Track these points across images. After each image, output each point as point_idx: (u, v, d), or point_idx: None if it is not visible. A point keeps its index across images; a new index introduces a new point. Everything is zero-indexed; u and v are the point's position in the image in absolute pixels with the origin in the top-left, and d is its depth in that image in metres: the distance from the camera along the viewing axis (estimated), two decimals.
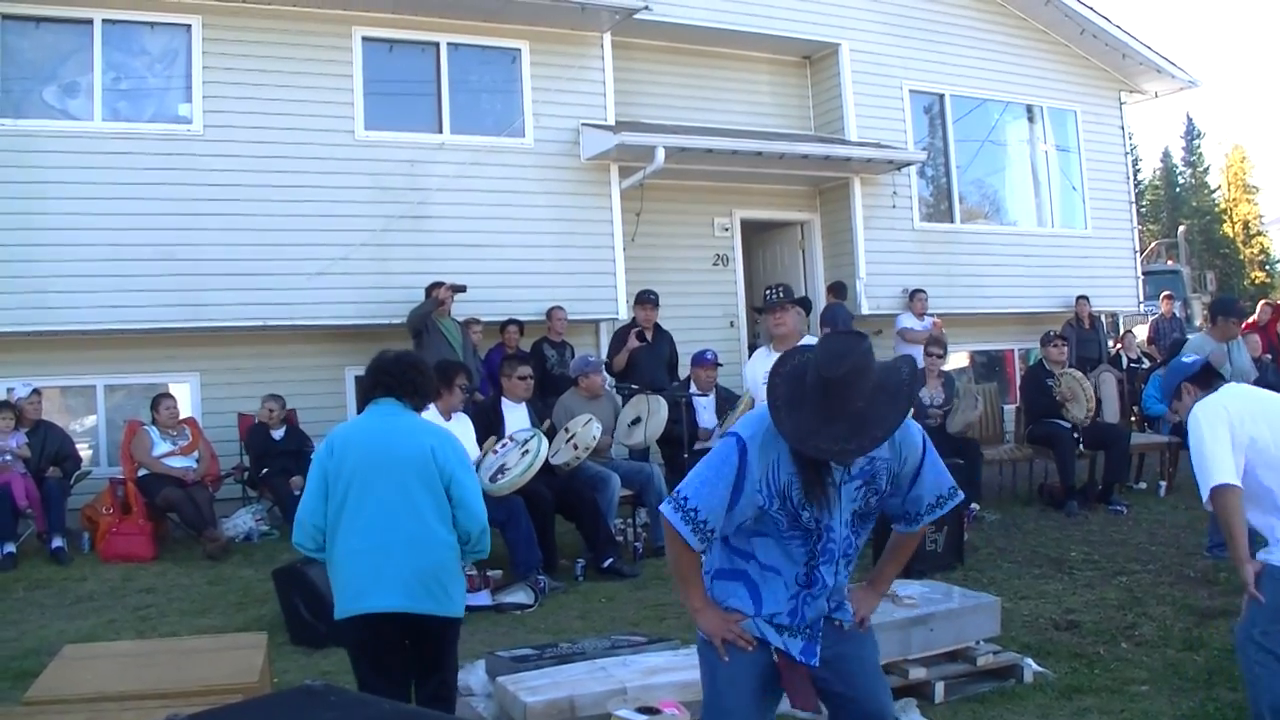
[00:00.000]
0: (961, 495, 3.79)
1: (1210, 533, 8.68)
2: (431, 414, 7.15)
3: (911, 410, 3.43)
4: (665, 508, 3.52)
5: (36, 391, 10.30)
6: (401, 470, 4.58)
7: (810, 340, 7.91)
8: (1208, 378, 5.18)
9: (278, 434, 10.88)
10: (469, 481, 4.67)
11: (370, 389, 4.86)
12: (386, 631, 4.56)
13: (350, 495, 4.60)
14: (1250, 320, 15.25)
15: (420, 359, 5.12)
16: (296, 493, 10.32)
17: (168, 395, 10.69)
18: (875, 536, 5.03)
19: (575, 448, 9.16)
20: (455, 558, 4.67)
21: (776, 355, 7.93)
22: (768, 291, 7.80)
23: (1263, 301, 16.79)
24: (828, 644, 3.59)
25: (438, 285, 11.16)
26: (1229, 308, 10.45)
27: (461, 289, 11.26)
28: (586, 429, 9.23)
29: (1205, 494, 4.73)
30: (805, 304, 8.08)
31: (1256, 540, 4.76)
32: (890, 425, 3.31)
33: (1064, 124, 16.97)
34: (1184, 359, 5.66)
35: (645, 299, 11.62)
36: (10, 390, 10.34)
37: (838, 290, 14.19)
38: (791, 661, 3.55)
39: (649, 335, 11.53)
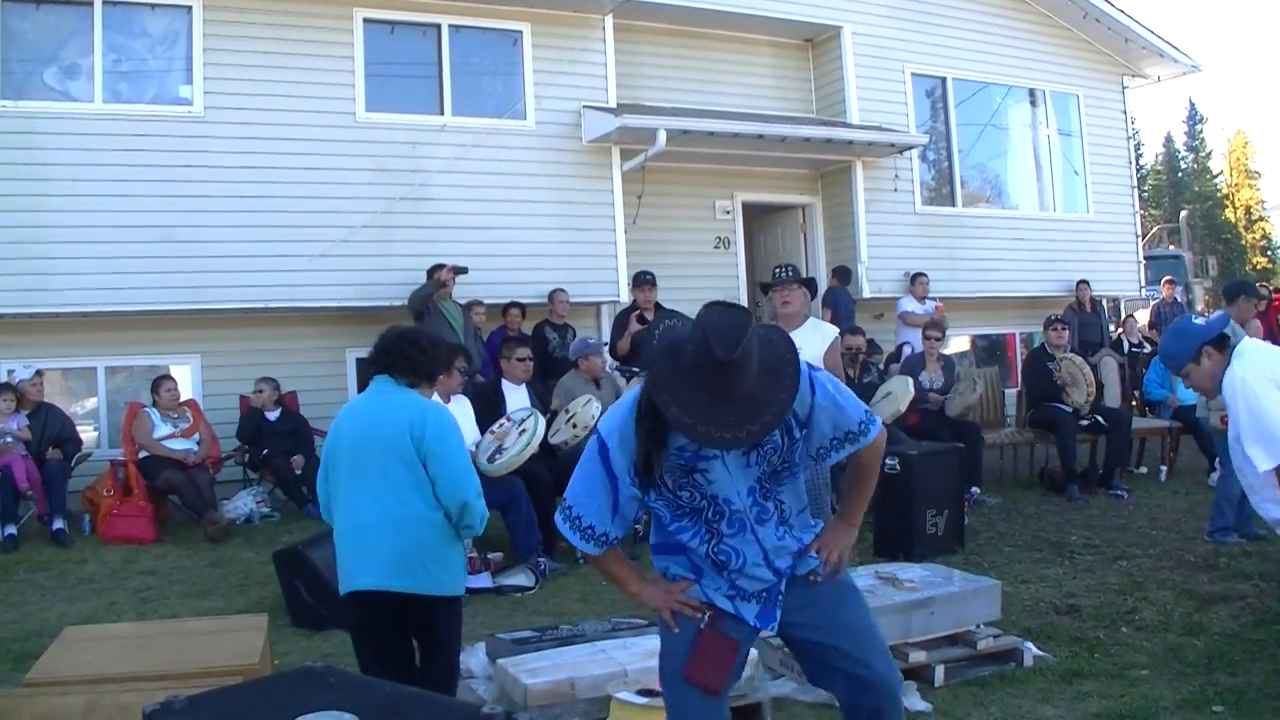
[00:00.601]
0: (876, 424, 3.48)
1: (1212, 518, 8.68)
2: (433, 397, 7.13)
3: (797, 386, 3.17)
4: (557, 517, 3.47)
5: (39, 373, 10.29)
6: (383, 448, 4.59)
7: (816, 321, 7.93)
8: (1224, 342, 5.12)
9: (272, 415, 10.86)
10: (448, 455, 4.60)
11: (370, 366, 4.89)
12: (376, 610, 4.59)
13: (343, 474, 4.67)
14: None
15: (426, 334, 5.07)
16: (298, 472, 10.36)
17: (168, 377, 10.69)
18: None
19: (574, 427, 9.15)
20: (440, 535, 4.62)
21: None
22: (776, 270, 7.80)
23: (1259, 285, 16.78)
24: (794, 603, 3.47)
25: (439, 267, 11.15)
26: (1248, 288, 10.40)
27: (463, 271, 11.26)
28: (586, 409, 9.23)
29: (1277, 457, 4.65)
30: (812, 285, 8.06)
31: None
32: (781, 406, 3.11)
33: (1066, 108, 16.94)
34: (1194, 320, 5.51)
35: (643, 280, 11.60)
36: (11, 372, 10.34)
37: (842, 275, 14.18)
38: (717, 633, 3.42)
39: (650, 316, 11.51)
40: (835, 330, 7.90)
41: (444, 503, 4.60)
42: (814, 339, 7.78)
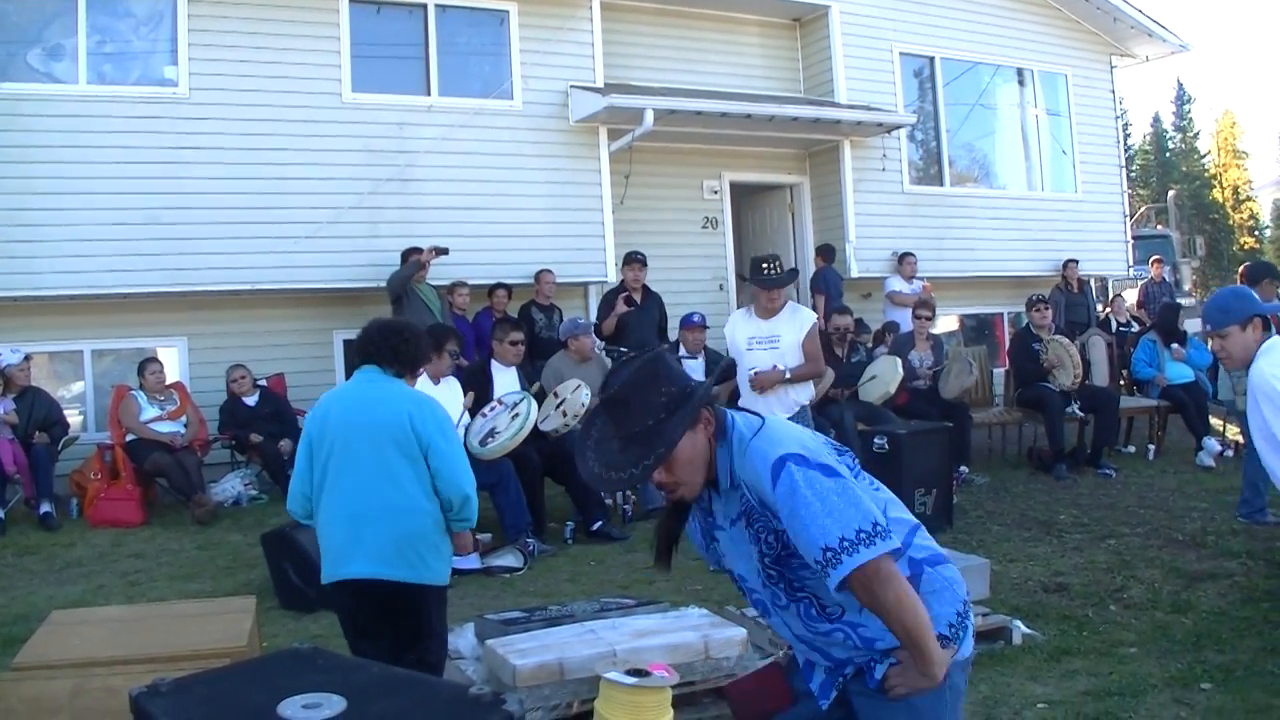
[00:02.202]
0: (858, 558, 2.67)
1: (1246, 499, 8.62)
2: (421, 379, 7.12)
3: (654, 448, 2.78)
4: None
5: (27, 358, 10.25)
6: (379, 438, 4.60)
7: (794, 306, 7.99)
8: (1267, 324, 5.06)
9: (250, 400, 10.84)
10: (447, 449, 4.64)
11: (356, 356, 4.89)
12: (366, 597, 4.60)
13: (331, 462, 4.65)
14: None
15: (409, 325, 5.09)
16: (285, 457, 10.34)
17: (155, 360, 10.67)
18: None
19: (564, 414, 9.14)
20: (435, 526, 4.66)
21: (757, 320, 7.98)
22: (765, 266, 7.82)
23: (1245, 265, 16.80)
24: (856, 690, 2.98)
25: (416, 250, 11.11)
26: (1272, 270, 10.37)
27: (444, 251, 11.21)
28: (575, 395, 9.21)
29: None
30: (794, 275, 8.20)
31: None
32: (637, 475, 2.79)
33: (1054, 88, 16.93)
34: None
35: (633, 259, 11.59)
36: None
37: (826, 253, 14.17)
38: (779, 675, 3.17)
39: (638, 297, 11.50)
40: (813, 316, 8.00)
41: (445, 495, 4.63)
42: (791, 326, 7.82)
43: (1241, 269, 9.67)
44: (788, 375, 7.82)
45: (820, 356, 7.96)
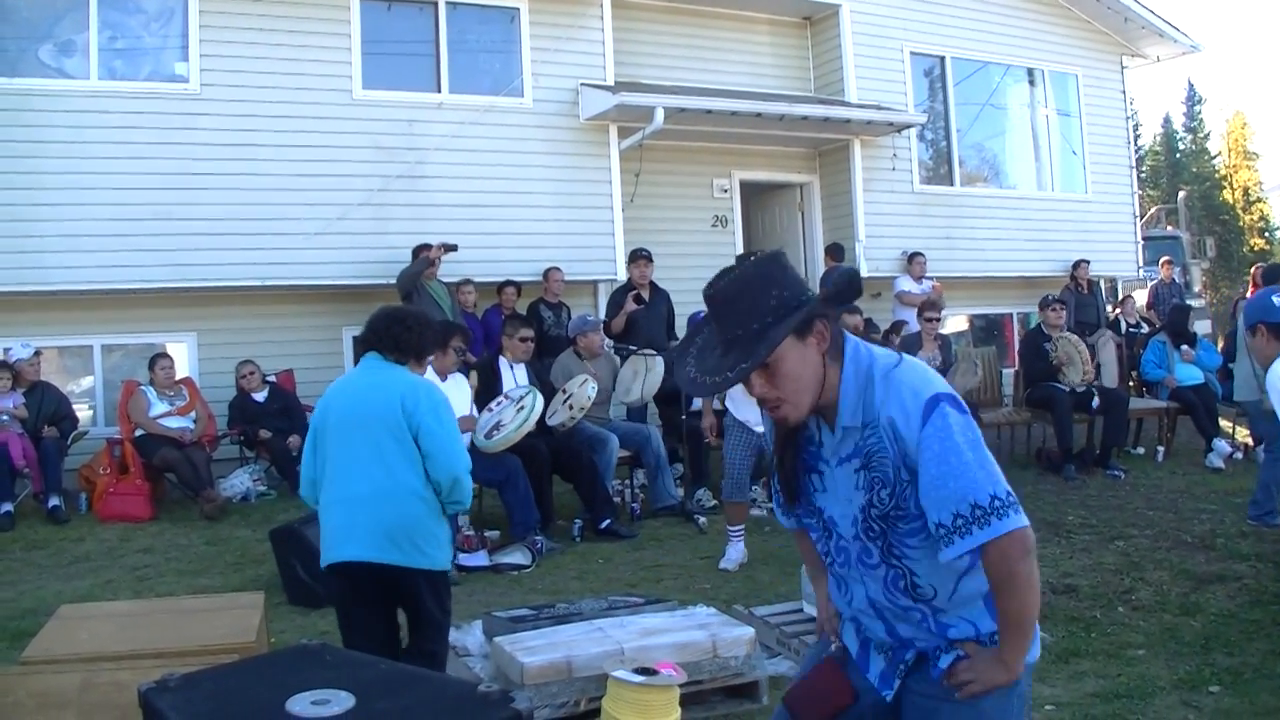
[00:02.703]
0: (1009, 523, 2.47)
1: (1258, 500, 8.58)
2: (428, 374, 7.12)
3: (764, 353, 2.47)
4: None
5: (37, 353, 10.26)
6: (373, 423, 4.67)
7: None
8: None
9: (259, 396, 10.86)
10: (439, 431, 4.66)
11: (358, 345, 4.97)
12: (360, 582, 4.65)
13: (331, 449, 4.75)
14: (1250, 288, 15.25)
15: (412, 312, 5.14)
16: (294, 453, 10.36)
17: (164, 355, 10.68)
18: None
19: (571, 408, 9.16)
20: (428, 510, 4.68)
21: None
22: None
23: (1257, 266, 16.76)
24: (915, 688, 2.73)
25: (426, 246, 11.11)
26: None
27: (453, 248, 11.20)
28: (582, 389, 9.22)
29: None
30: None
31: None
32: (735, 376, 2.49)
33: (1065, 88, 16.89)
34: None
35: (639, 255, 11.59)
36: (7, 350, 10.32)
37: (835, 253, 14.14)
38: (836, 670, 2.87)
39: (645, 294, 11.49)
40: None
41: (435, 477, 4.65)
42: None
43: (1255, 269, 9.62)
44: None
45: None
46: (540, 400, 8.69)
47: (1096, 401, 11.11)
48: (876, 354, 2.64)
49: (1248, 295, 14.40)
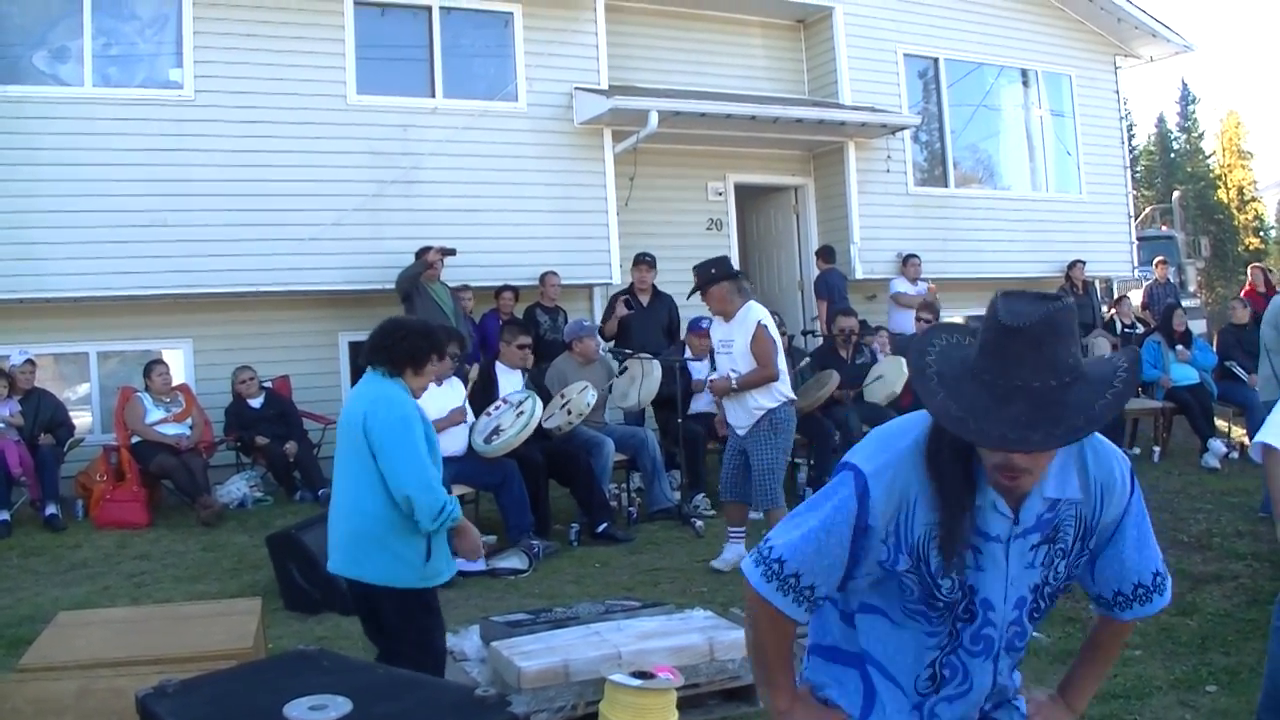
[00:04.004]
0: (1167, 594, 2.54)
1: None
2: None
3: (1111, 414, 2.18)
4: (747, 564, 2.49)
5: (30, 361, 10.25)
6: (345, 439, 4.81)
7: (746, 308, 7.86)
8: None
9: (255, 403, 10.85)
10: (393, 450, 4.63)
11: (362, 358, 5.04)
12: (351, 591, 4.84)
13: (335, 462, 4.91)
14: (1246, 287, 15.29)
15: (403, 321, 5.18)
16: (291, 459, 10.36)
17: (160, 362, 10.68)
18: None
19: (569, 413, 9.17)
20: (386, 528, 4.67)
21: (720, 323, 7.97)
22: (694, 272, 7.96)
23: (1253, 265, 16.78)
24: None
25: (427, 249, 11.11)
26: None
27: (451, 252, 11.20)
28: (581, 396, 9.23)
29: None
30: (730, 275, 8.02)
31: None
32: (1096, 414, 2.13)
33: (1059, 88, 16.91)
34: None
35: (641, 260, 11.59)
36: (4, 358, 10.32)
37: (826, 255, 14.09)
38: None
39: (645, 298, 11.49)
40: (760, 317, 7.77)
41: (395, 496, 4.65)
42: (742, 330, 7.78)
43: (1252, 269, 9.65)
44: (734, 384, 7.81)
45: (769, 359, 7.71)
46: (539, 405, 8.70)
47: None
48: None
49: (1242, 295, 14.43)
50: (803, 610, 2.43)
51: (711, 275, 7.92)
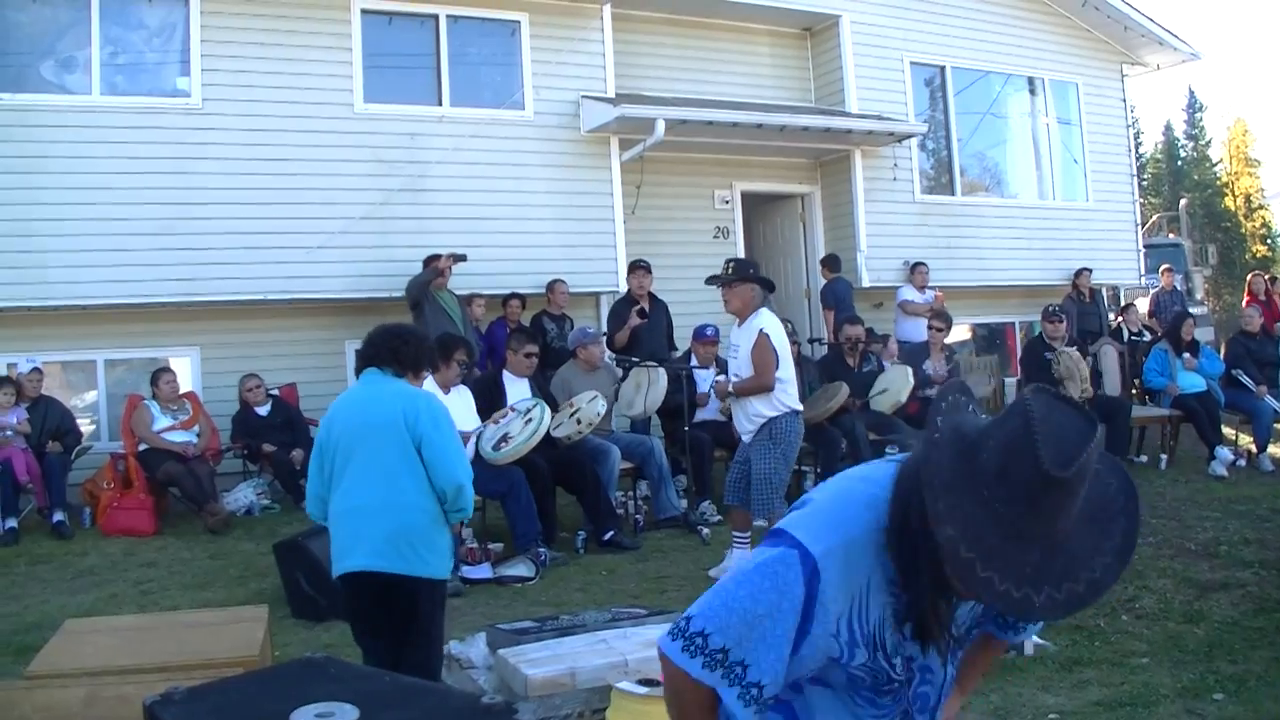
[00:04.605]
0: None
1: None
2: (429, 386, 7.13)
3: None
4: (680, 652, 2.15)
5: (37, 369, 10.25)
6: (377, 436, 4.78)
7: (755, 315, 7.84)
8: None
9: (263, 410, 10.85)
10: (440, 440, 4.77)
11: (359, 361, 5.06)
12: (366, 591, 4.78)
13: (338, 463, 4.86)
14: (1245, 296, 15.26)
15: (411, 329, 5.28)
16: (298, 466, 10.36)
17: (167, 369, 10.69)
18: None
19: (578, 422, 9.16)
20: (430, 521, 4.80)
21: (735, 327, 7.95)
22: (726, 264, 7.94)
23: (1253, 274, 16.75)
24: None
25: (436, 257, 11.12)
26: None
27: (462, 258, 11.21)
28: (591, 405, 9.23)
29: None
30: (763, 282, 8.02)
31: None
32: (1114, 570, 2.02)
33: (1065, 96, 16.91)
34: None
35: (638, 266, 11.60)
36: (12, 365, 10.34)
37: (832, 264, 14.08)
38: None
39: (645, 305, 11.49)
40: (764, 324, 7.75)
41: (438, 486, 4.75)
42: (747, 337, 7.78)
43: (1251, 277, 9.64)
44: (730, 389, 7.83)
45: (765, 369, 7.67)
46: (548, 413, 8.70)
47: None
48: None
49: (1245, 304, 14.41)
50: (745, 706, 2.09)
51: (749, 274, 7.93)
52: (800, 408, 8.03)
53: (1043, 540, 1.88)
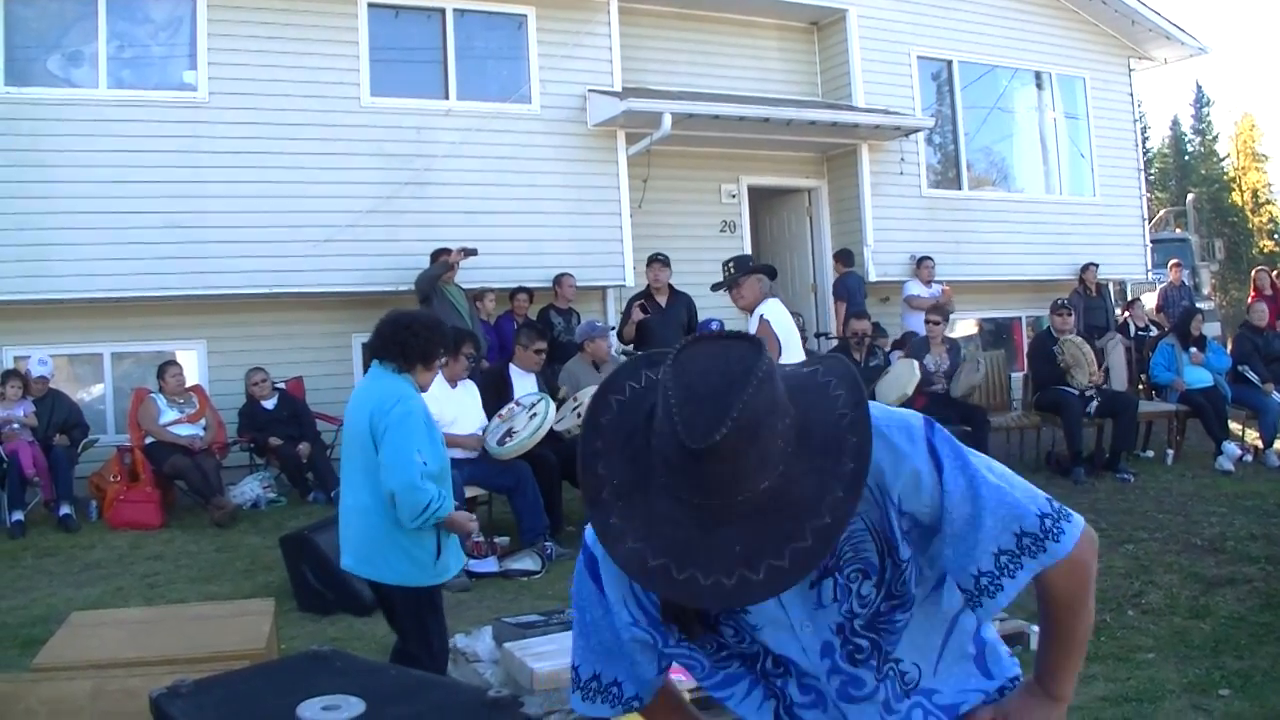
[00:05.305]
0: (1071, 524, 1.95)
1: None
2: (437, 381, 7.14)
3: (864, 470, 1.69)
4: (573, 696, 2.14)
5: (44, 377, 10.20)
6: (352, 437, 4.82)
7: (763, 304, 7.88)
8: None
9: (269, 404, 10.85)
10: (389, 443, 4.63)
11: (366, 351, 5.04)
12: (371, 586, 4.92)
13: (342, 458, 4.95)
14: (1251, 292, 15.23)
15: (422, 316, 5.15)
16: (304, 460, 10.37)
17: (174, 363, 10.69)
18: None
19: (579, 416, 9.15)
20: (393, 525, 4.68)
21: (748, 321, 7.98)
22: (725, 265, 7.99)
23: (1257, 269, 16.72)
24: None
25: (445, 251, 11.11)
26: None
27: (473, 252, 11.20)
28: None
29: None
30: (765, 270, 8.16)
31: None
32: (839, 515, 1.65)
33: (1072, 91, 16.89)
34: None
35: (655, 259, 11.56)
36: (20, 359, 10.36)
37: (845, 258, 14.09)
38: None
39: (662, 299, 11.43)
40: (765, 310, 7.87)
41: (384, 486, 4.64)
42: (751, 325, 7.82)
43: (1256, 273, 9.62)
44: None
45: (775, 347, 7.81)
46: (553, 407, 8.70)
47: (1094, 406, 11.11)
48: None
49: (1250, 301, 14.39)
50: (609, 707, 2.08)
51: (750, 267, 8.00)
52: None
53: (734, 511, 1.65)
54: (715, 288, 8.31)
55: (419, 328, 4.90)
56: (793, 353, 7.88)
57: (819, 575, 1.88)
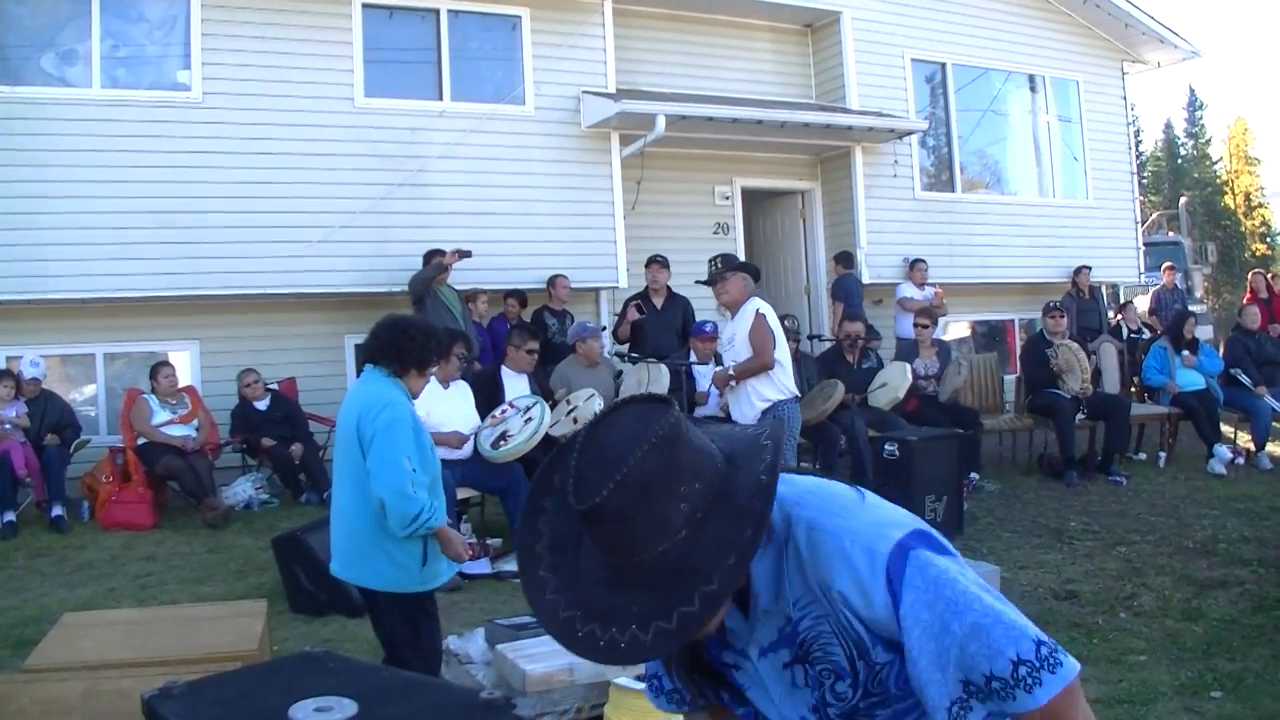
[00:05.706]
0: (1052, 680, 1.74)
1: None
2: (430, 383, 7.13)
3: (753, 544, 1.69)
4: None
5: (36, 379, 10.18)
6: (342, 441, 4.80)
7: (749, 302, 7.93)
8: None
9: (262, 405, 10.84)
10: (377, 450, 4.60)
11: (361, 356, 5.01)
12: (359, 591, 4.89)
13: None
14: (1247, 294, 15.26)
15: (416, 321, 5.15)
16: (296, 461, 10.36)
17: (167, 364, 10.67)
18: None
19: (575, 421, 9.16)
20: (376, 530, 4.65)
21: (728, 320, 8.03)
22: (712, 262, 8.03)
23: (1253, 271, 16.73)
24: None
25: (438, 252, 11.10)
26: None
27: (467, 254, 11.18)
28: (589, 404, 9.23)
29: None
30: (748, 269, 8.22)
31: None
32: (725, 581, 1.67)
33: (1066, 94, 16.90)
34: None
35: (653, 260, 11.55)
36: (13, 359, 10.33)
37: (845, 260, 14.06)
38: None
39: (659, 300, 11.43)
40: (756, 308, 7.93)
41: (374, 494, 4.61)
42: (743, 323, 7.87)
43: (1253, 275, 9.66)
44: (732, 375, 7.89)
45: (765, 348, 7.82)
46: (548, 412, 8.69)
47: (1083, 413, 11.13)
48: (788, 495, 1.88)
49: (1245, 302, 14.42)
50: (675, 706, 2.20)
51: (736, 264, 8.05)
52: (798, 393, 8.12)
53: (637, 571, 1.69)
54: (702, 283, 8.36)
55: (416, 333, 4.87)
56: (782, 351, 7.92)
57: (791, 659, 1.90)
